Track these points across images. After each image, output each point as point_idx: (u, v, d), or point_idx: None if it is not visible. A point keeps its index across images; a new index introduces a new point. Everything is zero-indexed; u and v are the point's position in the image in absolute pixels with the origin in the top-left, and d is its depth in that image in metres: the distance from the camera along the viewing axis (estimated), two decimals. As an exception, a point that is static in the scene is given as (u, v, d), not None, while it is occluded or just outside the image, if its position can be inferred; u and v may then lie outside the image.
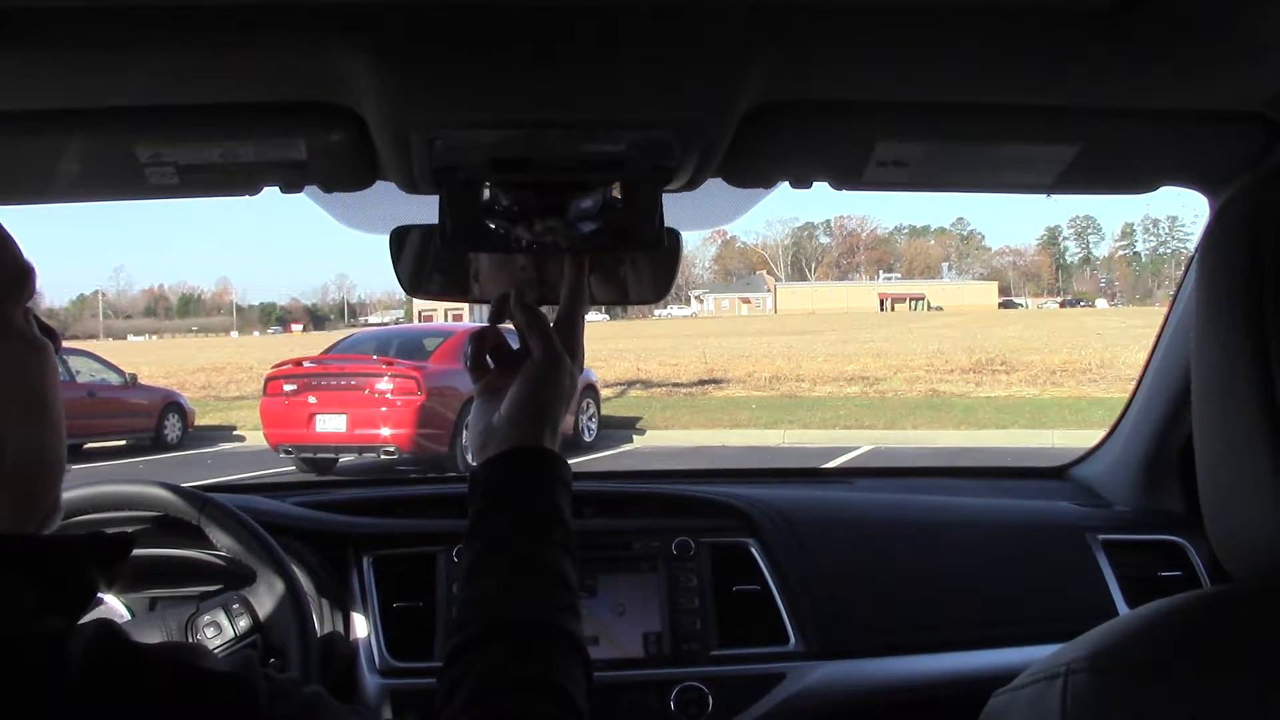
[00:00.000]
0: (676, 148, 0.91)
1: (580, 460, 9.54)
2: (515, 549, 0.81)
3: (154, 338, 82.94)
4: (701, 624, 1.50)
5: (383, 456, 9.44)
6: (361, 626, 1.46)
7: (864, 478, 2.15)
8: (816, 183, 1.03)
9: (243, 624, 1.33)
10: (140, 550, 0.70)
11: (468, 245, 1.00)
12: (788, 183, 1.03)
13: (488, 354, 0.96)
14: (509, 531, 0.82)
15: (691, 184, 0.99)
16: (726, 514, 1.61)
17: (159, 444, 12.46)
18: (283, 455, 9.80)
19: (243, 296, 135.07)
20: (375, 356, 10.09)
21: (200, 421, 13.57)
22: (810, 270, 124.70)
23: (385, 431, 9.33)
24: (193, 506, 1.34)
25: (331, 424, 9.48)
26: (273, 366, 10.44)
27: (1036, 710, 0.65)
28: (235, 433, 13.33)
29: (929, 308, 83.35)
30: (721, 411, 14.30)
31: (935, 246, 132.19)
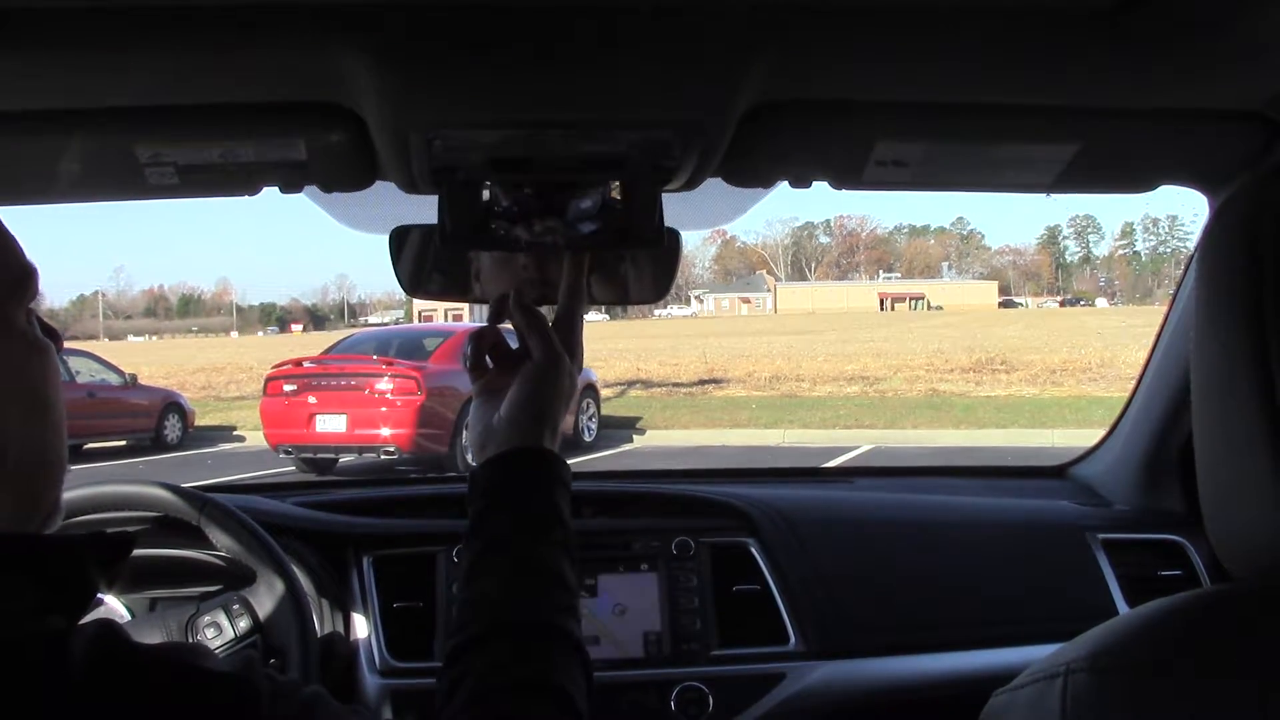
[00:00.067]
0: (676, 148, 0.91)
1: (580, 460, 9.54)
2: (515, 549, 0.81)
3: (154, 338, 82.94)
4: (701, 624, 1.50)
5: (383, 456, 9.44)
6: (361, 626, 1.46)
7: (864, 477, 2.15)
8: (816, 182, 1.03)
9: (243, 624, 1.33)
10: (140, 550, 0.70)
11: (467, 245, 1.00)
12: (787, 182, 1.03)
13: (487, 354, 0.96)
14: (509, 532, 0.82)
15: (691, 184, 0.99)
16: (726, 514, 1.61)
17: (159, 444, 12.47)
18: (283, 455, 9.80)
19: (243, 297, 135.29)
20: (375, 357, 10.09)
21: (200, 422, 13.57)
22: (810, 270, 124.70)
23: (385, 431, 9.33)
24: (193, 507, 1.34)
25: (331, 424, 9.48)
26: (273, 367, 10.44)
27: (1036, 710, 0.65)
28: (235, 433, 13.33)
29: (929, 307, 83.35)
30: (721, 411, 14.30)
31: (935, 246, 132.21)
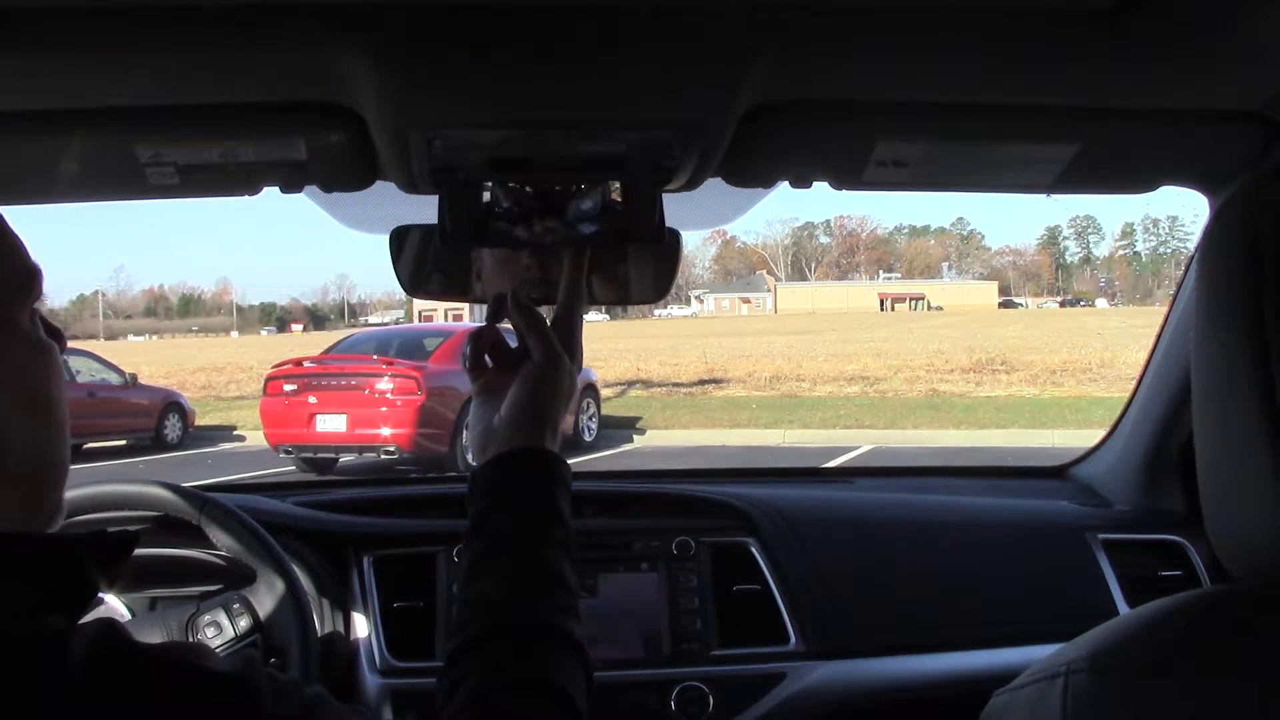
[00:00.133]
0: (676, 148, 0.91)
1: (580, 460, 9.54)
2: (515, 549, 0.81)
3: (154, 338, 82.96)
4: (701, 624, 1.50)
5: (383, 456, 9.44)
6: (362, 626, 1.46)
7: (864, 477, 2.15)
8: (816, 182, 1.03)
9: (243, 624, 1.33)
10: (140, 550, 0.70)
11: (467, 245, 1.00)
12: (788, 182, 1.03)
13: (486, 353, 0.96)
14: (509, 532, 0.82)
15: (691, 184, 0.99)
16: (726, 514, 1.61)
17: (159, 444, 12.47)
18: (283, 455, 9.80)
19: (243, 296, 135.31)
20: (375, 356, 10.09)
21: (200, 421, 13.57)
22: (810, 270, 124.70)
23: (385, 431, 9.33)
24: (193, 506, 1.34)
25: (331, 424, 9.48)
26: (273, 366, 10.45)
27: (1037, 710, 0.65)
28: (235, 433, 13.33)
29: (929, 307, 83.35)
30: (721, 411, 14.30)
31: (935, 246, 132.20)
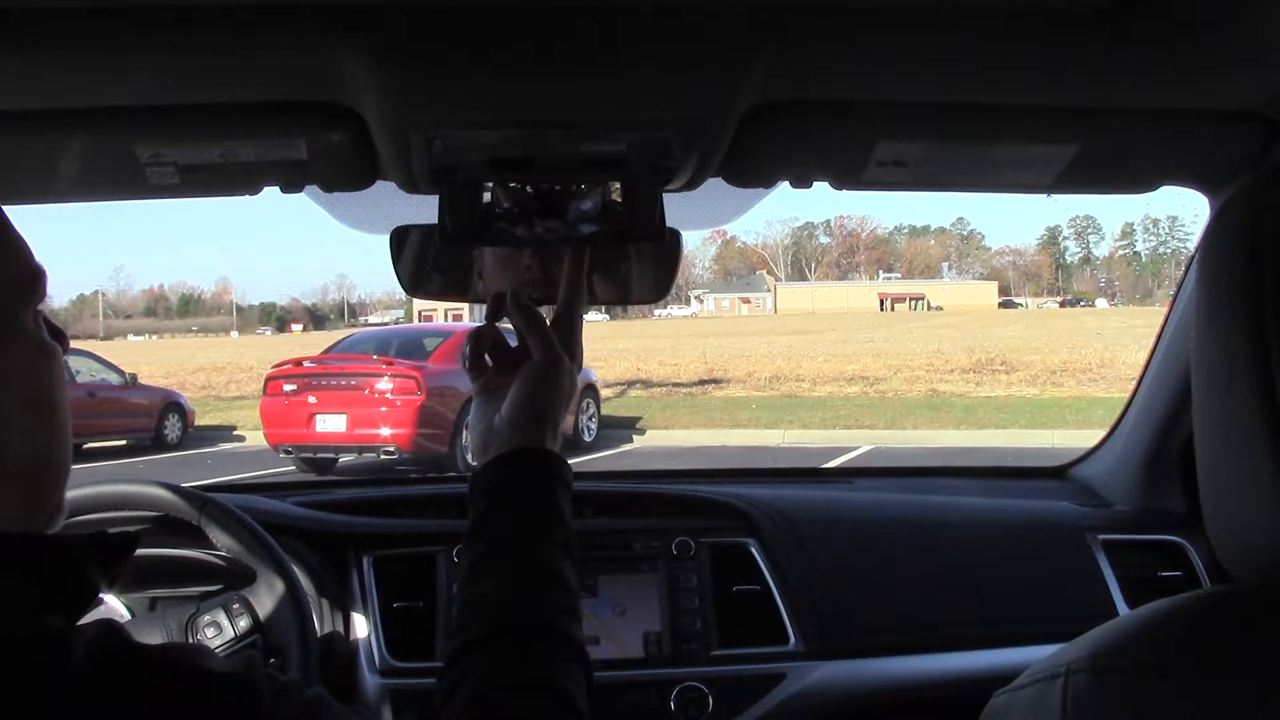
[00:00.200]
0: (676, 148, 0.91)
1: (580, 460, 9.54)
2: (516, 549, 0.81)
3: (154, 338, 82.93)
4: (701, 624, 1.50)
5: (383, 456, 9.44)
6: (361, 626, 1.46)
7: (864, 478, 2.15)
8: (816, 183, 1.03)
9: (243, 624, 1.33)
10: (140, 550, 0.70)
11: (467, 245, 1.00)
12: (788, 183, 1.03)
13: (486, 353, 0.96)
14: (510, 532, 0.82)
15: (691, 184, 0.99)
16: (726, 514, 1.61)
17: (159, 444, 12.46)
18: (283, 455, 9.80)
19: (243, 296, 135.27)
20: (375, 356, 10.09)
21: (200, 421, 13.57)
22: (810, 270, 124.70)
23: (385, 431, 9.33)
24: (193, 506, 1.34)
25: (331, 424, 9.48)
26: (273, 366, 10.45)
27: (1037, 710, 0.65)
28: (235, 433, 13.33)
29: (929, 308, 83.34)
30: (721, 411, 14.30)
31: (935, 246, 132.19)
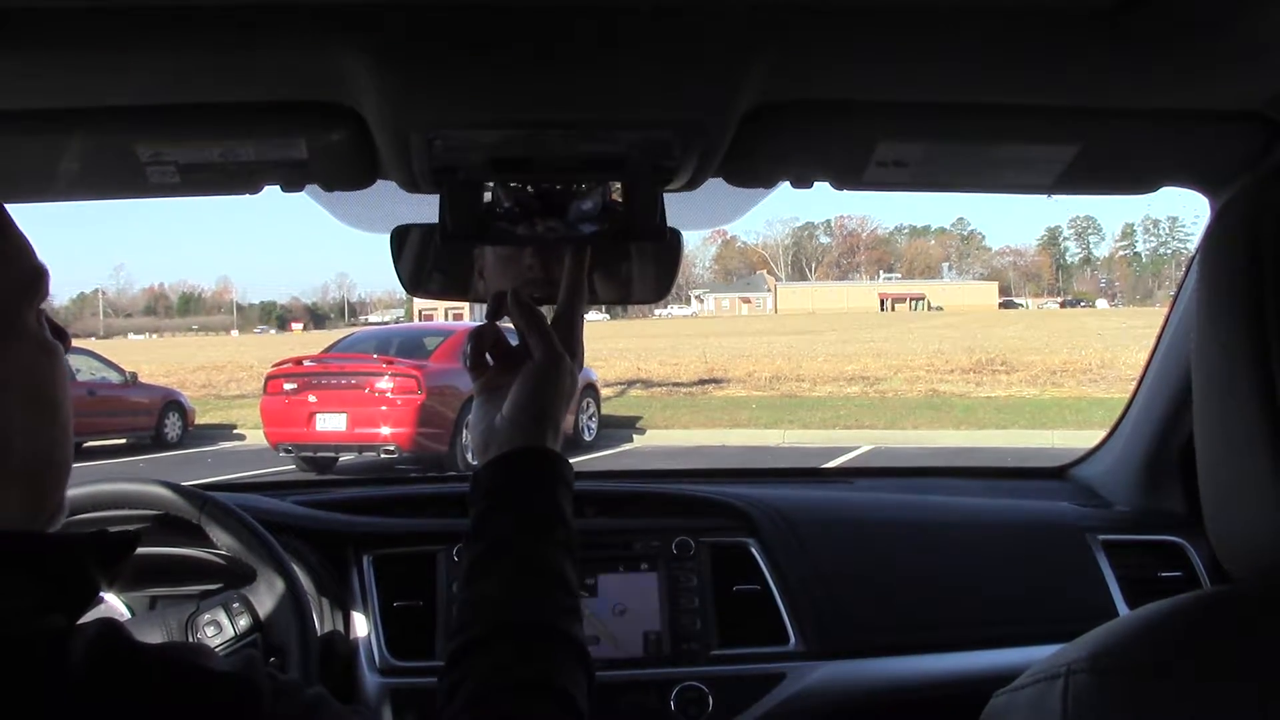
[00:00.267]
0: (676, 148, 0.91)
1: (580, 460, 9.53)
2: (517, 549, 0.81)
3: (154, 336, 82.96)
4: (701, 624, 1.50)
5: (383, 456, 9.43)
6: (361, 626, 1.46)
7: (864, 478, 2.15)
8: (817, 183, 1.03)
9: (243, 623, 1.33)
10: (141, 549, 0.70)
11: (468, 244, 1.00)
12: (788, 183, 1.03)
13: (487, 352, 0.96)
14: (511, 532, 0.82)
15: (692, 184, 0.99)
16: (726, 514, 1.61)
17: (159, 442, 12.47)
18: (283, 454, 9.80)
19: (243, 295, 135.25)
20: (375, 355, 10.08)
21: (200, 420, 13.58)
22: (810, 270, 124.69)
23: (385, 430, 9.33)
24: (193, 505, 1.34)
25: (332, 423, 9.48)
26: (273, 365, 10.45)
27: (1037, 711, 0.65)
28: (235, 431, 13.34)
29: (929, 308, 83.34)
30: (721, 411, 14.30)
31: (935, 246, 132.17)
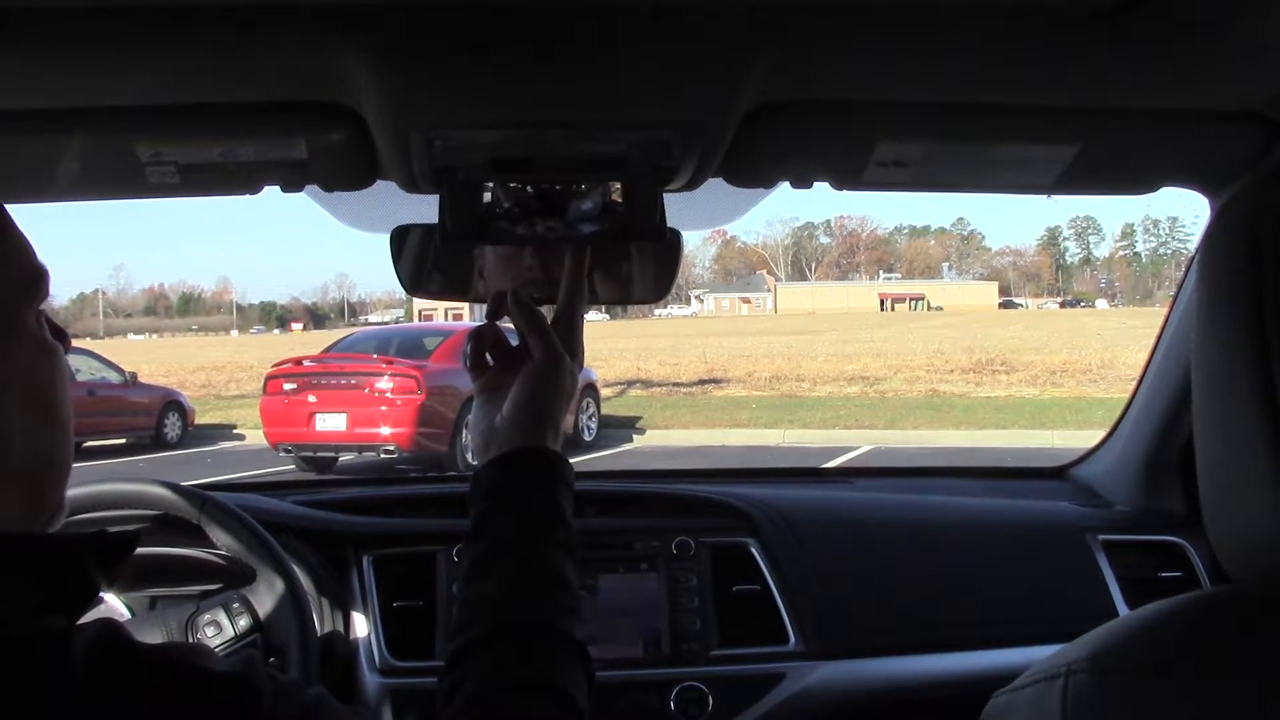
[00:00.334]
0: (676, 148, 0.91)
1: (580, 460, 9.53)
2: (517, 549, 0.81)
3: (154, 336, 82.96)
4: (701, 624, 1.50)
5: (383, 456, 9.43)
6: (361, 626, 1.46)
7: (864, 478, 2.15)
8: (816, 183, 1.03)
9: (243, 623, 1.33)
10: (140, 549, 0.70)
11: (467, 244, 1.00)
12: (788, 183, 1.02)
13: (487, 352, 0.96)
14: (511, 532, 0.81)
15: (692, 184, 0.99)
16: (726, 514, 1.61)
17: (159, 442, 12.47)
18: (282, 454, 9.80)
19: (243, 295, 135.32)
20: (375, 355, 10.08)
21: (200, 420, 13.58)
22: (810, 270, 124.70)
23: (385, 431, 9.33)
24: (193, 505, 1.34)
25: (331, 423, 9.48)
26: (273, 365, 10.45)
27: (1037, 711, 0.65)
28: (235, 431, 13.33)
29: (929, 308, 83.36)
30: (721, 411, 14.30)
31: (935, 246, 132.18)
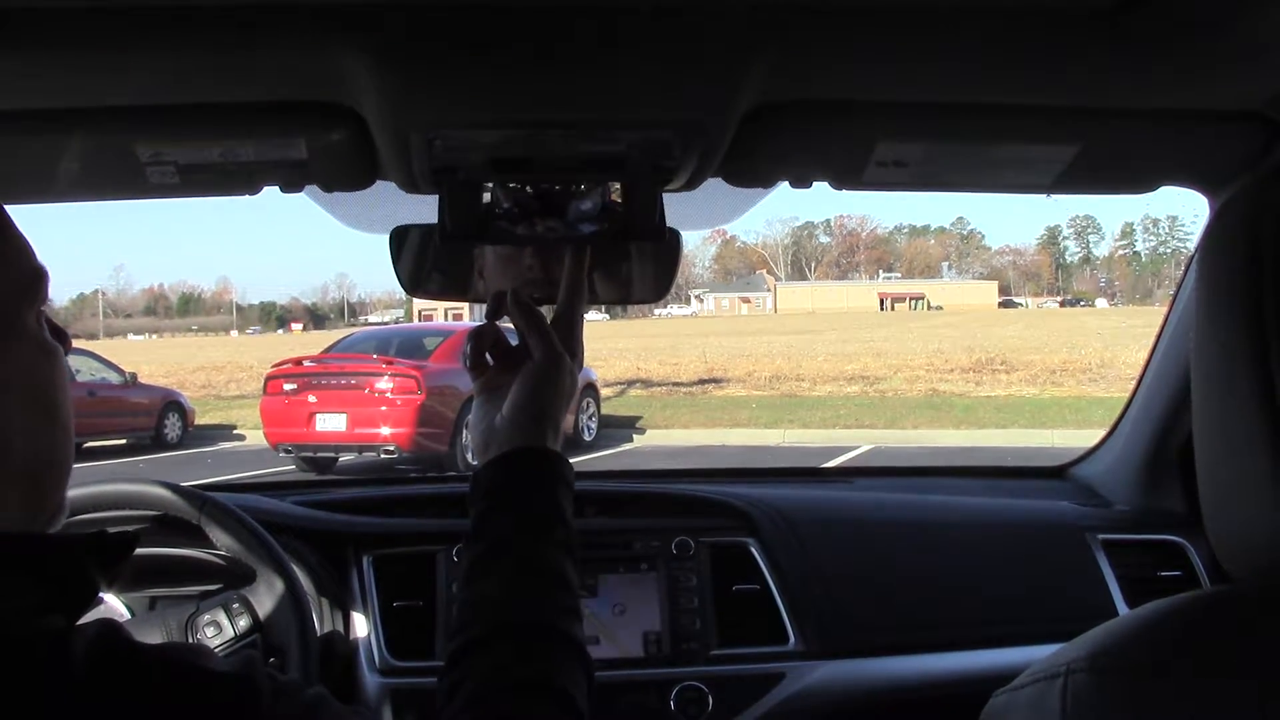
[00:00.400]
0: (676, 148, 0.91)
1: (580, 459, 9.53)
2: (517, 549, 0.81)
3: (154, 337, 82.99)
4: (701, 624, 1.50)
5: (383, 456, 9.44)
6: (361, 626, 1.47)
7: (864, 477, 2.15)
8: (816, 183, 1.03)
9: (243, 623, 1.33)
10: (140, 549, 0.70)
11: (467, 244, 1.00)
12: (788, 183, 1.03)
13: (487, 352, 0.96)
14: (511, 532, 0.82)
15: (691, 184, 0.99)
16: (726, 513, 1.61)
17: (159, 443, 12.47)
18: (282, 454, 9.80)
19: (243, 296, 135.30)
20: (375, 356, 10.09)
21: (200, 420, 13.58)
22: (810, 270, 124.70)
23: (385, 431, 9.33)
24: (193, 505, 1.34)
25: (331, 423, 9.48)
26: (273, 365, 10.45)
27: (1036, 710, 0.65)
28: (235, 432, 13.33)
29: (929, 307, 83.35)
30: (721, 411, 14.30)
31: (935, 246, 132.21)
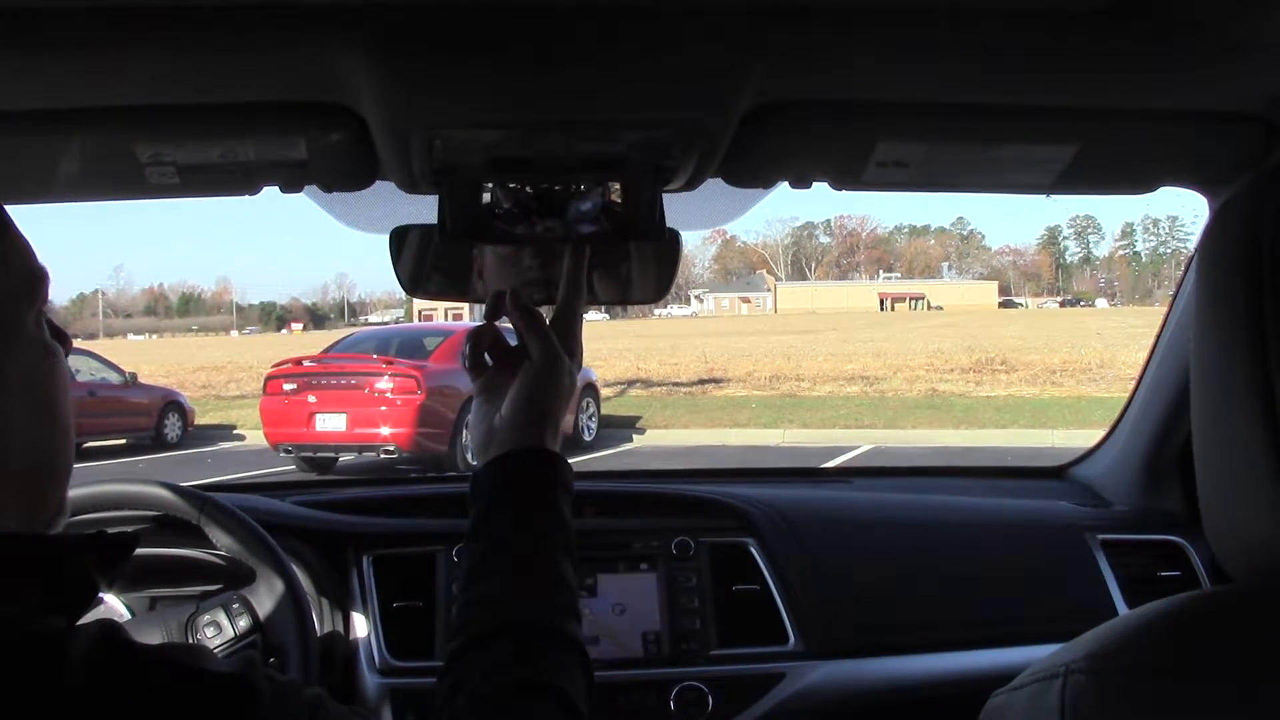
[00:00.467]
0: (676, 148, 0.91)
1: (580, 459, 9.53)
2: (516, 550, 0.81)
3: (154, 337, 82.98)
4: (701, 624, 1.50)
5: (383, 456, 9.44)
6: (361, 626, 1.47)
7: (864, 477, 2.15)
8: (816, 183, 1.03)
9: (242, 624, 1.33)
10: (140, 550, 0.70)
11: (467, 245, 1.00)
12: (788, 183, 1.03)
13: (486, 352, 0.96)
14: (510, 532, 0.82)
15: (691, 184, 0.99)
16: (726, 514, 1.61)
17: (159, 443, 12.48)
18: (282, 454, 9.81)
19: (243, 296, 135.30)
20: (375, 356, 10.09)
21: (200, 420, 13.58)
22: (810, 270, 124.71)
23: (385, 431, 9.33)
24: (192, 506, 1.34)
25: (331, 423, 9.48)
26: (273, 366, 10.45)
27: (1035, 710, 0.65)
28: (235, 432, 13.34)
29: (929, 307, 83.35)
30: (721, 411, 14.30)
31: (935, 246, 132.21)
